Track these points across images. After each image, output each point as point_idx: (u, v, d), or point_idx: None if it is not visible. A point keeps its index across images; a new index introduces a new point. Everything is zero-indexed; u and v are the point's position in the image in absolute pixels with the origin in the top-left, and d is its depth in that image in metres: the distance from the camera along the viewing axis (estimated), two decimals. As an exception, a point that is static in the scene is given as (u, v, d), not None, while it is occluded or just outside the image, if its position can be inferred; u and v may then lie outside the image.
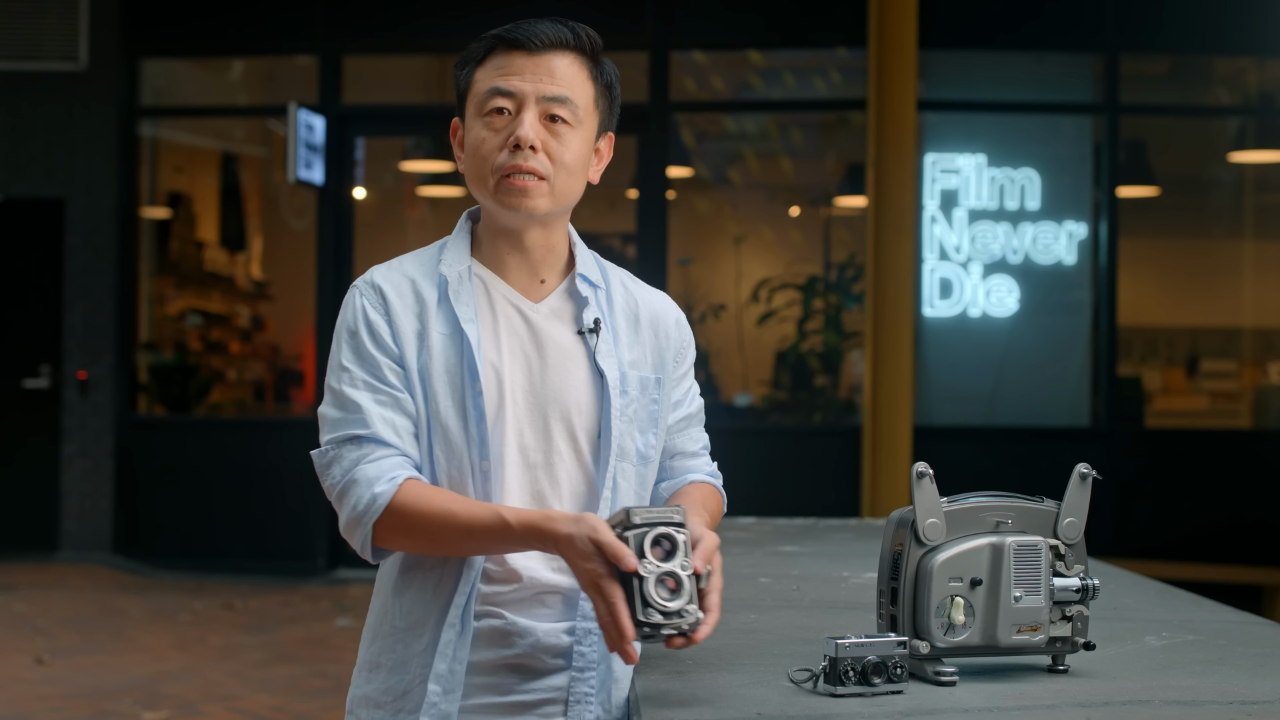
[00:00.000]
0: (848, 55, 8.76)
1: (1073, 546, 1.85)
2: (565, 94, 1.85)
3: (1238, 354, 9.33)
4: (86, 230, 9.13)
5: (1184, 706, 1.69)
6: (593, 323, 1.91)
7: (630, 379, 1.92)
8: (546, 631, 1.86)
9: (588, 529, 1.67)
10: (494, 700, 1.85)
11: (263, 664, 6.21)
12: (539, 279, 1.93)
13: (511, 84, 1.85)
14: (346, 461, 1.82)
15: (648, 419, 1.93)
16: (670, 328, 2.00)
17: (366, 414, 1.82)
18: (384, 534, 1.80)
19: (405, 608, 1.86)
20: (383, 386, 1.84)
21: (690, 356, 2.04)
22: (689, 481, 2.03)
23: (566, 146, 1.86)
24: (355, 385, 1.84)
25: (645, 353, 1.96)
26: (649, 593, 1.64)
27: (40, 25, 9.13)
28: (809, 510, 6.49)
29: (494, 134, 1.85)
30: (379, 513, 1.78)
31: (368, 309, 1.87)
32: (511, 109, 1.85)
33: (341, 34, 8.90)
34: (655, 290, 2.04)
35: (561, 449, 1.88)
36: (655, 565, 1.65)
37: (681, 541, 1.67)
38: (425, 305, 1.87)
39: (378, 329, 1.86)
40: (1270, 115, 9.16)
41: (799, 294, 8.91)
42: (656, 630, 1.65)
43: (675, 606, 1.65)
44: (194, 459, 8.89)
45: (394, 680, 1.86)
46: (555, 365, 1.89)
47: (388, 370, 1.84)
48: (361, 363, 1.85)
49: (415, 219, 10.15)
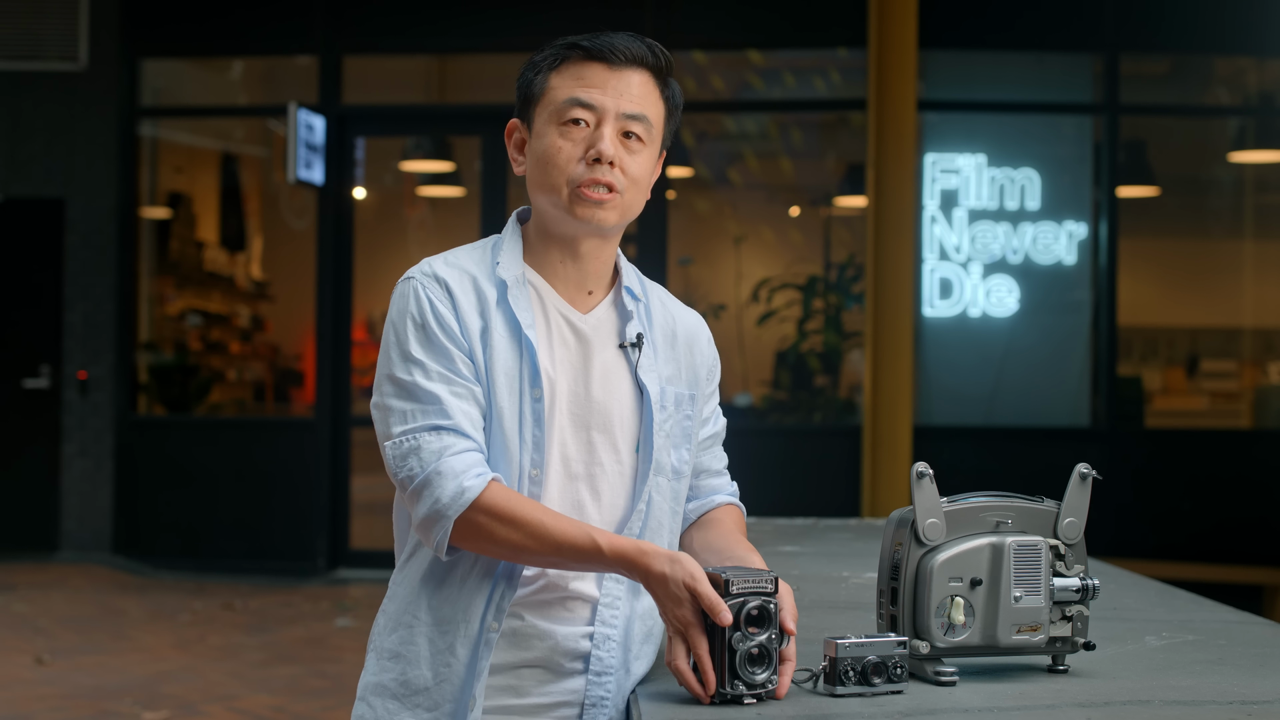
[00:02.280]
0: (848, 55, 8.76)
1: (1073, 546, 1.85)
2: (643, 112, 1.87)
3: (1238, 354, 9.33)
4: (86, 230, 9.13)
5: (1184, 706, 1.69)
6: (636, 337, 1.91)
7: (668, 394, 1.93)
8: (566, 635, 1.86)
9: (685, 574, 1.69)
10: (511, 701, 1.85)
11: (263, 664, 6.21)
12: (587, 290, 1.93)
13: (593, 97, 1.85)
14: (427, 452, 1.77)
15: (682, 435, 1.94)
16: (703, 346, 2.02)
17: (446, 405, 1.79)
18: (464, 530, 1.76)
19: (434, 604, 1.84)
20: (457, 379, 1.81)
21: (718, 375, 2.06)
22: (716, 505, 2.04)
23: (639, 163, 1.88)
24: (430, 377, 1.80)
25: (681, 369, 1.97)
26: (739, 666, 1.67)
27: (40, 25, 9.13)
28: (809, 510, 6.49)
29: (571, 144, 1.85)
30: (464, 507, 1.75)
31: (435, 300, 1.83)
32: (590, 121, 1.86)
33: (341, 34, 8.90)
34: (688, 308, 2.06)
35: (604, 461, 1.88)
36: (748, 639, 1.67)
37: (773, 612, 1.69)
38: (487, 303, 1.86)
39: (446, 320, 1.83)
40: (1270, 115, 9.16)
41: (799, 294, 8.91)
42: (739, 700, 1.67)
43: (760, 679, 1.68)
44: (194, 459, 8.89)
45: (413, 674, 1.84)
46: (600, 377, 1.89)
47: (460, 363, 1.82)
48: (434, 354, 1.81)
49: (415, 219, 10.14)
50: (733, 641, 1.66)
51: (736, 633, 1.66)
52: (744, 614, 1.67)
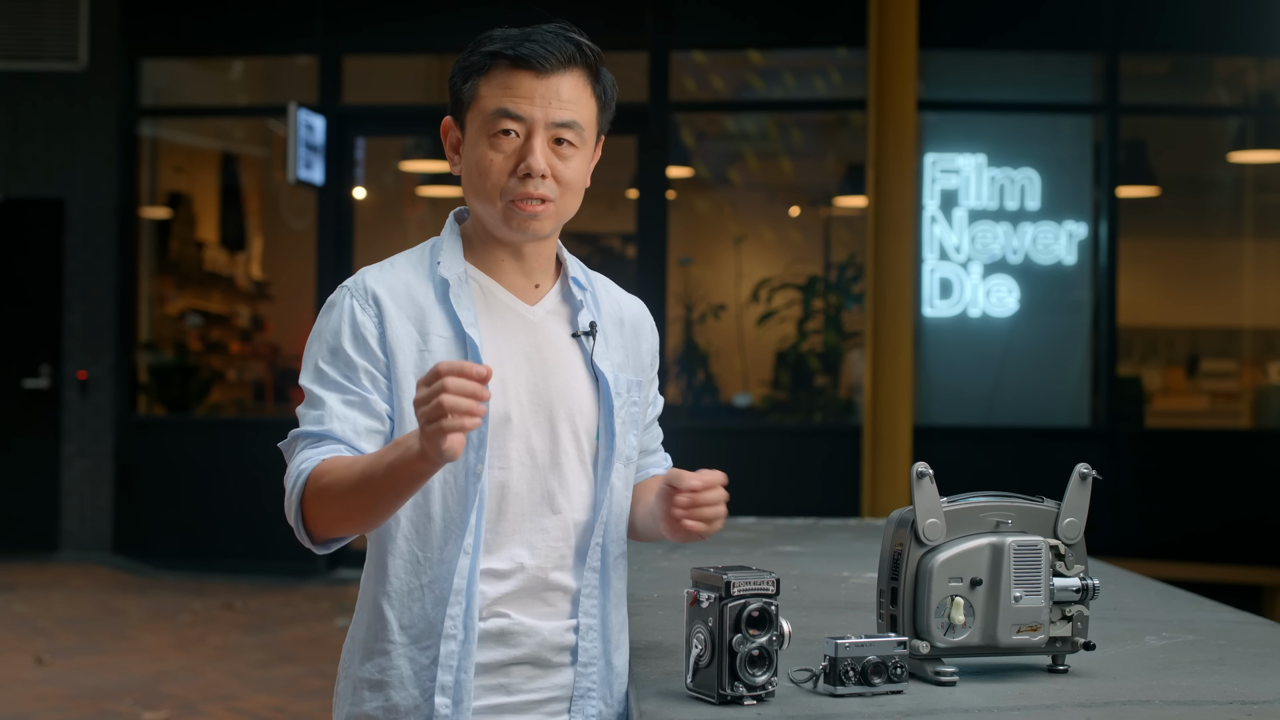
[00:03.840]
0: (848, 55, 8.76)
1: (1073, 546, 1.85)
2: (573, 118, 1.86)
3: (1238, 354, 9.33)
4: (86, 230, 9.13)
5: (1184, 706, 1.69)
6: (589, 325, 1.93)
7: (621, 381, 1.95)
8: (552, 630, 1.87)
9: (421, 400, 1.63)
10: (502, 700, 1.86)
11: (263, 664, 6.21)
12: (533, 283, 1.94)
13: (521, 108, 1.84)
14: (297, 458, 1.82)
15: (633, 421, 1.97)
16: (646, 332, 2.04)
17: (328, 412, 1.82)
18: (313, 508, 1.78)
19: (404, 622, 1.84)
20: (353, 388, 1.83)
21: (658, 358, 2.09)
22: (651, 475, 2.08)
23: (571, 168, 1.87)
24: (326, 385, 1.84)
25: (629, 356, 1.99)
26: (739, 668, 1.67)
27: (40, 25, 9.13)
28: (809, 510, 6.49)
29: (502, 156, 1.85)
30: (302, 488, 1.77)
31: (357, 312, 1.86)
32: (519, 132, 1.85)
33: (341, 34, 8.90)
34: (631, 295, 2.08)
35: (568, 449, 1.89)
36: (749, 641, 1.67)
37: (774, 612, 1.69)
38: (423, 311, 1.87)
39: (364, 333, 1.85)
40: (1270, 115, 9.16)
41: (799, 294, 8.91)
42: (739, 701, 1.67)
43: (761, 680, 1.68)
44: (194, 459, 8.89)
45: (400, 697, 1.83)
46: (556, 367, 1.90)
47: (363, 374, 1.84)
48: (336, 364, 1.84)
49: (415, 219, 10.14)
50: (733, 643, 1.66)
51: (737, 634, 1.66)
52: (744, 615, 1.66)
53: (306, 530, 1.80)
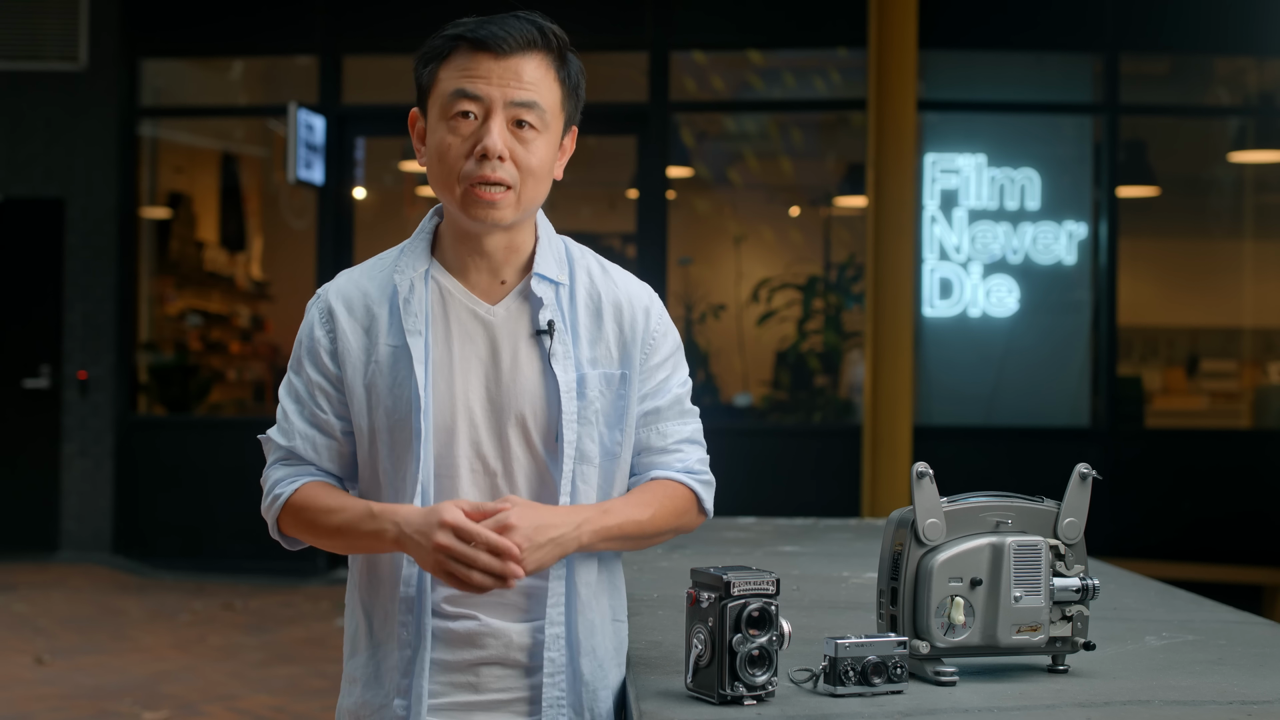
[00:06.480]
0: (848, 55, 8.76)
1: (1073, 546, 1.85)
2: (533, 99, 1.82)
3: (1238, 354, 9.33)
4: (86, 230, 9.13)
5: (1184, 706, 1.69)
6: (546, 324, 1.87)
7: (590, 380, 1.88)
8: (519, 632, 1.87)
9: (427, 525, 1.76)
10: (471, 698, 1.88)
11: (263, 664, 6.21)
12: (500, 280, 1.90)
13: (478, 88, 1.81)
14: (273, 475, 1.94)
15: (615, 416, 1.90)
16: (637, 318, 1.92)
17: (292, 427, 1.93)
18: (288, 527, 1.93)
19: (373, 626, 1.90)
20: (309, 405, 1.92)
21: (665, 348, 1.96)
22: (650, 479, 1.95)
23: (533, 153, 1.83)
24: (290, 395, 1.95)
25: (609, 348, 1.91)
26: (739, 668, 1.66)
27: (40, 25, 9.13)
28: (809, 510, 6.49)
29: (459, 139, 1.82)
30: (279, 511, 1.91)
31: (315, 325, 1.92)
32: (477, 114, 1.82)
33: (341, 34, 8.90)
34: (629, 278, 1.97)
35: (518, 454, 1.87)
36: (749, 641, 1.67)
37: (774, 612, 1.69)
38: (375, 320, 1.88)
39: (318, 346, 1.91)
40: (1270, 115, 9.16)
41: (799, 294, 8.91)
42: (739, 701, 1.67)
43: (761, 681, 1.68)
44: (194, 459, 8.89)
45: (369, 695, 1.91)
46: (511, 369, 1.87)
47: (318, 391, 1.91)
48: (300, 376, 1.94)
49: (415, 219, 10.14)
50: (733, 643, 1.66)
51: (737, 634, 1.66)
52: (744, 615, 1.66)
53: (281, 534, 1.96)
